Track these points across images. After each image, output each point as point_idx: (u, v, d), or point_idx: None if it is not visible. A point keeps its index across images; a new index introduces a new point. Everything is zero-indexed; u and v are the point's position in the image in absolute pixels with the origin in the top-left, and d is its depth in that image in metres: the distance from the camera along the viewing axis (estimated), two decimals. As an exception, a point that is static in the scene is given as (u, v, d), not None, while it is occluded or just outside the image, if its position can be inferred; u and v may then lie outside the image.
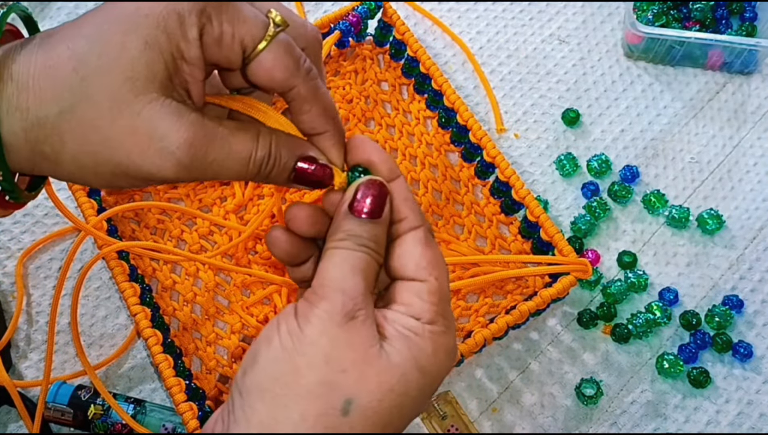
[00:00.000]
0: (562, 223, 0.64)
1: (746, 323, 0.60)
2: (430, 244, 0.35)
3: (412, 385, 0.32)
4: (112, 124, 0.31)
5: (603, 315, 0.59)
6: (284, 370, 0.31)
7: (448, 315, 0.34)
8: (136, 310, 0.52)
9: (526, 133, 0.67)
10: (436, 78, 0.62)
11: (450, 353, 0.34)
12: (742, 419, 0.57)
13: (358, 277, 0.33)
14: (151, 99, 0.31)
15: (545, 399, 0.57)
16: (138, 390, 0.57)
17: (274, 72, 0.33)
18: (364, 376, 0.31)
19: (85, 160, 0.32)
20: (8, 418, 0.56)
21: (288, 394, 0.31)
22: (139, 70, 0.31)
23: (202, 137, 0.32)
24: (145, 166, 0.32)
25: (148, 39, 0.31)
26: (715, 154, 0.66)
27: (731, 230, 0.63)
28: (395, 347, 0.32)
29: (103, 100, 0.31)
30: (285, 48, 0.33)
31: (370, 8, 0.63)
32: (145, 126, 0.31)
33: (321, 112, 0.35)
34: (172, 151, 0.31)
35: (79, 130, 0.31)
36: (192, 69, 0.32)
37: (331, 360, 0.31)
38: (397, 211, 0.35)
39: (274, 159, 0.34)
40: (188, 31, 0.31)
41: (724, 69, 0.69)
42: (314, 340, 0.31)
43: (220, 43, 0.32)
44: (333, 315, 0.32)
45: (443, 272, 0.34)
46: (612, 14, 0.72)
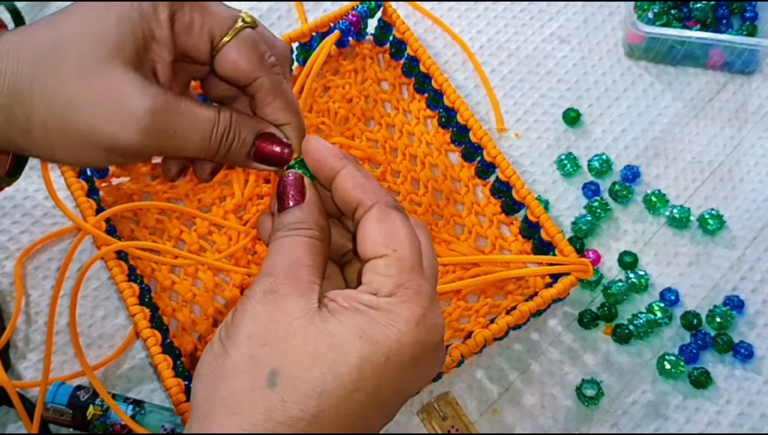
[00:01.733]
0: (563, 223, 0.63)
1: (747, 324, 0.60)
2: (386, 219, 0.34)
3: (351, 352, 0.31)
4: (79, 87, 0.33)
5: (604, 315, 0.59)
6: (216, 355, 0.32)
7: (413, 285, 0.33)
8: (134, 310, 0.52)
9: (526, 132, 0.67)
10: (436, 77, 0.62)
11: (416, 322, 0.32)
12: (743, 420, 0.57)
13: (281, 258, 0.34)
14: (117, 67, 0.33)
15: (546, 400, 0.57)
16: (137, 390, 0.57)
17: (239, 63, 0.35)
18: (288, 347, 0.31)
19: (53, 124, 0.33)
20: (7, 419, 0.56)
21: (218, 375, 0.31)
22: (110, 42, 0.33)
23: (164, 107, 0.34)
24: (109, 130, 0.33)
25: (122, 15, 0.33)
26: (716, 154, 0.66)
27: (732, 230, 0.63)
28: (336, 318, 0.32)
29: (73, 63, 0.33)
30: (251, 42, 0.35)
31: (370, 7, 0.63)
32: (110, 91, 0.33)
33: (283, 104, 0.36)
34: (136, 116, 0.33)
35: (48, 92, 0.33)
36: (160, 49, 0.34)
37: (252, 335, 0.32)
38: (349, 201, 0.35)
39: (234, 133, 0.35)
40: (160, 13, 0.34)
41: (725, 69, 0.69)
42: (237, 322, 0.32)
43: (190, 30, 0.35)
44: (253, 295, 0.33)
45: (403, 243, 0.33)
46: (613, 14, 0.72)
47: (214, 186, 0.62)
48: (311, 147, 0.36)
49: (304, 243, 0.34)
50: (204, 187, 0.62)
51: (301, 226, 0.35)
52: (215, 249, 0.60)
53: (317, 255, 0.35)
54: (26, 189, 0.62)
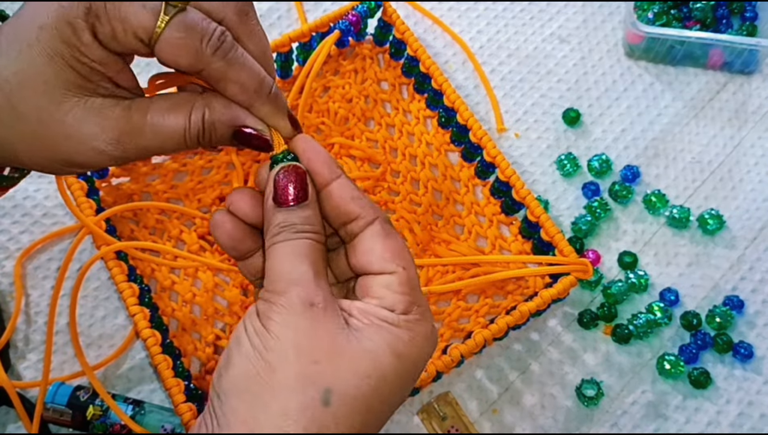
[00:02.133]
0: (563, 223, 0.63)
1: (747, 324, 0.60)
2: (389, 235, 0.35)
3: (389, 369, 0.32)
4: (47, 133, 0.33)
5: (603, 315, 0.59)
6: (258, 368, 0.31)
7: (420, 302, 0.34)
8: (134, 310, 0.52)
9: (526, 132, 0.67)
10: (436, 77, 0.62)
11: (428, 338, 0.34)
12: (742, 420, 0.57)
13: (305, 265, 0.33)
14: (71, 105, 0.33)
15: (546, 400, 0.57)
16: (137, 390, 0.57)
17: (177, 58, 0.32)
18: (337, 365, 0.31)
19: (40, 161, 0.35)
20: (7, 419, 0.56)
21: (265, 391, 0.31)
22: (52, 83, 0.32)
23: (128, 132, 0.33)
24: (85, 161, 0.34)
25: (50, 51, 0.32)
26: (716, 154, 0.66)
27: (732, 230, 0.63)
28: (366, 336, 0.32)
29: (31, 114, 0.33)
30: (183, 29, 0.32)
31: (370, 7, 0.63)
32: (73, 132, 0.33)
33: (238, 89, 0.34)
34: (102, 149, 0.33)
35: (25, 142, 0.34)
36: (104, 66, 0.33)
37: (301, 352, 0.31)
38: (346, 213, 0.35)
39: (209, 131, 0.34)
40: (82, 36, 0.32)
41: (724, 68, 0.69)
42: (279, 334, 0.31)
43: (116, 38, 0.32)
44: (291, 306, 0.32)
45: (409, 261, 0.34)
46: (613, 14, 0.72)
47: (214, 186, 0.62)
48: (307, 148, 0.35)
49: (316, 248, 0.34)
50: (204, 187, 0.62)
51: (311, 229, 0.34)
52: (215, 249, 0.60)
53: (324, 262, 0.34)
54: (26, 189, 0.62)
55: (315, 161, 0.35)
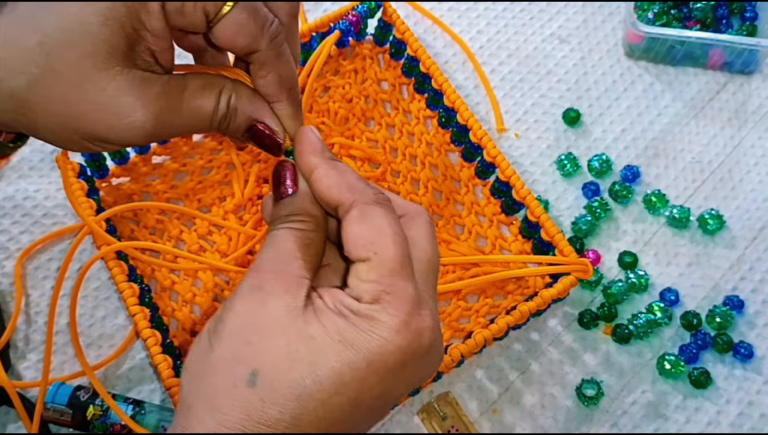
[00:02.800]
0: (563, 223, 0.63)
1: (747, 324, 0.60)
2: (364, 219, 0.33)
3: (330, 356, 0.30)
4: (79, 99, 0.32)
5: (604, 315, 0.59)
6: (202, 350, 0.32)
7: (395, 289, 0.32)
8: (134, 310, 0.52)
9: (526, 132, 0.67)
10: (436, 77, 0.62)
11: (398, 329, 0.31)
12: (742, 420, 0.57)
13: (270, 252, 0.33)
14: (114, 73, 0.32)
15: (546, 400, 0.57)
16: (137, 390, 0.57)
17: (237, 37, 0.33)
18: (269, 347, 0.31)
19: (58, 130, 0.33)
20: (7, 419, 0.56)
21: (202, 370, 0.31)
22: (101, 46, 0.32)
23: (167, 109, 0.33)
24: (114, 136, 0.33)
25: (108, 13, 0.32)
26: (716, 154, 0.66)
27: (732, 230, 0.63)
28: (319, 321, 0.31)
29: (69, 74, 0.32)
30: (249, 12, 0.33)
31: (370, 7, 0.63)
32: (111, 102, 0.32)
33: (277, 79, 0.35)
34: (139, 125, 0.33)
35: (47, 104, 0.32)
36: (156, 39, 0.33)
37: (234, 333, 0.31)
38: (328, 202, 0.34)
39: (230, 117, 0.35)
40: (148, 4, 0.32)
41: (724, 69, 0.69)
42: (224, 317, 0.32)
43: (183, 11, 0.33)
44: (240, 291, 0.32)
45: (388, 244, 0.32)
46: (613, 14, 0.72)
47: (214, 186, 0.62)
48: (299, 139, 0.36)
49: (296, 236, 0.34)
50: (204, 187, 0.62)
51: (294, 218, 0.34)
52: (215, 249, 0.60)
53: (310, 247, 0.34)
54: (26, 189, 0.62)
55: (301, 152, 0.35)
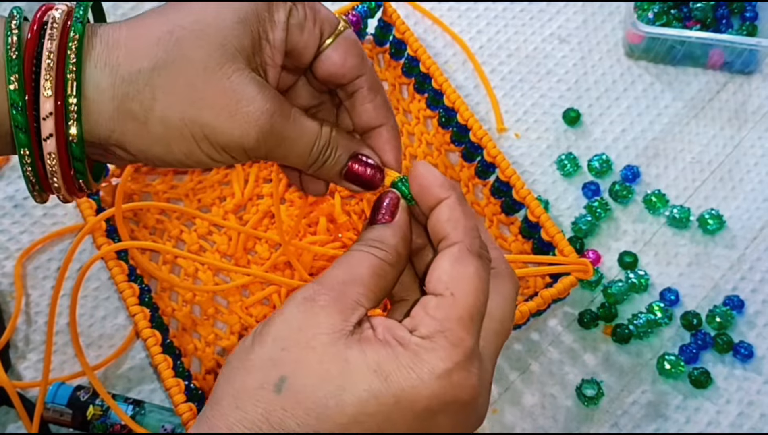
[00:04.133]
0: (563, 223, 0.63)
1: (747, 323, 0.60)
2: (461, 261, 0.33)
3: (360, 384, 0.30)
4: (205, 83, 0.32)
5: (604, 315, 0.59)
6: (245, 348, 0.32)
7: (453, 337, 0.31)
8: (134, 310, 0.52)
9: (526, 132, 0.67)
10: (436, 77, 0.62)
11: (438, 375, 0.30)
12: (742, 420, 0.57)
13: (340, 269, 0.33)
14: (239, 67, 0.33)
15: (546, 400, 0.57)
16: (137, 390, 0.57)
17: (347, 60, 0.35)
18: (303, 359, 0.31)
19: (174, 117, 0.33)
20: (7, 419, 0.56)
21: (238, 366, 0.32)
22: (231, 41, 0.33)
23: (281, 111, 0.34)
24: (230, 129, 0.33)
25: (241, 15, 0.33)
26: (716, 154, 0.66)
27: (732, 230, 0.63)
28: (360, 347, 0.31)
29: (198, 60, 0.32)
30: (353, 41, 0.36)
31: (370, 7, 0.63)
32: (234, 89, 0.33)
33: (382, 102, 0.37)
34: (257, 116, 0.33)
35: (171, 86, 0.32)
36: (273, 52, 0.34)
37: (277, 338, 0.32)
38: (437, 231, 0.34)
39: (331, 150, 0.36)
40: (275, 14, 0.34)
41: (725, 68, 0.69)
42: (272, 321, 0.32)
43: (303, 27, 0.35)
44: (293, 298, 0.33)
45: (468, 292, 0.32)
46: (613, 13, 0.72)
47: (214, 186, 0.62)
48: (418, 172, 0.35)
49: (372, 262, 0.34)
50: (204, 187, 0.62)
51: (377, 244, 0.34)
52: (215, 249, 0.60)
53: (380, 279, 0.34)
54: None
55: (428, 185, 0.35)
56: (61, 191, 0.34)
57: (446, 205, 0.34)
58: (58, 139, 0.32)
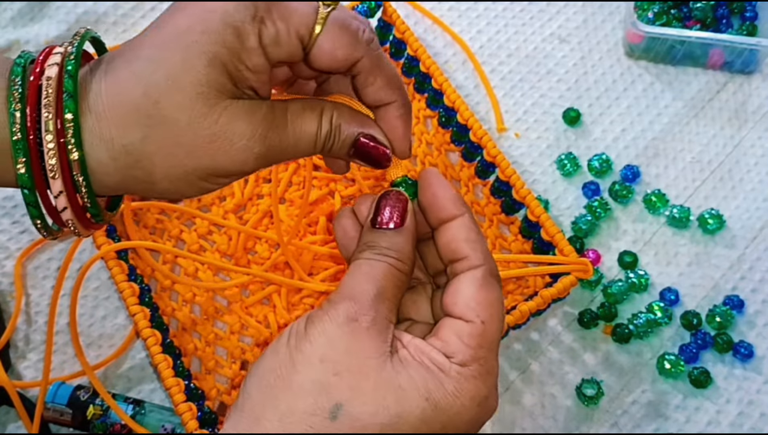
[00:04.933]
0: (563, 222, 0.63)
1: (747, 323, 0.60)
2: (487, 287, 0.33)
3: (415, 411, 0.31)
4: (194, 138, 0.33)
5: (604, 315, 0.59)
6: (283, 365, 0.32)
7: (487, 364, 0.32)
8: (134, 310, 0.52)
9: (526, 132, 0.67)
10: (436, 77, 0.62)
11: (479, 402, 0.32)
12: (742, 419, 0.57)
13: (369, 284, 0.33)
14: (225, 105, 0.33)
15: (546, 399, 0.57)
16: (137, 390, 0.57)
17: (336, 51, 0.34)
18: (358, 385, 0.31)
19: (176, 173, 0.33)
20: (7, 419, 0.56)
21: (280, 386, 0.31)
22: (208, 86, 0.32)
23: (274, 129, 0.34)
24: (230, 164, 0.33)
25: (210, 55, 0.32)
26: (716, 154, 0.66)
27: (732, 230, 0.63)
28: (407, 371, 0.31)
29: (181, 118, 0.32)
30: (340, 25, 0.34)
31: (370, 7, 0.63)
32: (223, 131, 0.33)
33: (386, 82, 0.35)
34: (251, 145, 0.33)
35: (164, 150, 0.33)
36: (258, 75, 0.33)
37: (326, 360, 0.31)
38: (455, 251, 0.34)
39: (334, 134, 0.35)
40: (246, 41, 0.32)
41: (725, 68, 0.69)
42: (313, 339, 0.32)
43: (278, 41, 0.33)
44: (335, 317, 0.32)
45: (495, 319, 0.33)
46: (613, 13, 0.72)
47: (214, 186, 0.62)
48: (432, 181, 0.35)
49: (392, 274, 0.33)
50: (204, 187, 0.62)
51: (394, 254, 0.34)
52: (215, 249, 0.60)
53: (399, 290, 0.34)
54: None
55: (441, 197, 0.35)
56: (81, 234, 0.35)
57: (463, 225, 0.34)
58: (72, 207, 0.33)
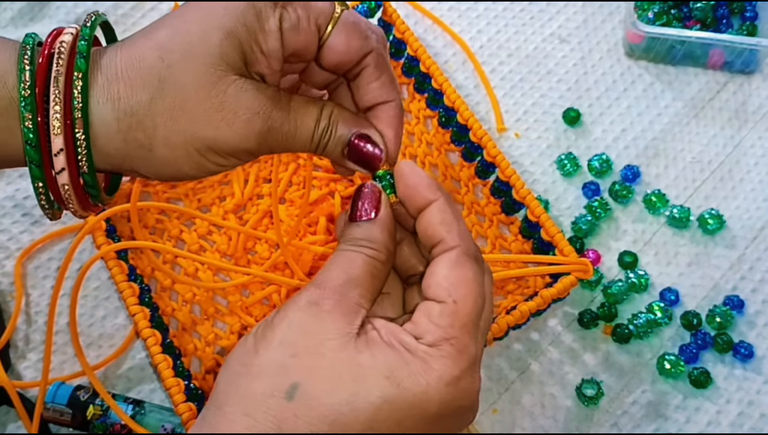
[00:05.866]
0: (563, 223, 0.63)
1: (747, 323, 0.60)
2: (460, 266, 0.33)
3: (373, 390, 0.30)
4: (200, 104, 0.33)
5: (604, 315, 0.59)
6: (247, 352, 0.32)
7: (459, 344, 0.32)
8: (134, 310, 0.52)
9: (526, 132, 0.67)
10: (436, 77, 0.62)
11: (447, 382, 0.31)
12: (742, 419, 0.57)
13: (337, 271, 0.33)
14: (233, 80, 0.33)
15: (546, 399, 0.57)
16: (137, 390, 0.57)
17: (349, 47, 0.35)
18: (315, 365, 0.31)
19: (177, 140, 0.34)
20: (7, 419, 0.56)
21: (243, 372, 0.32)
22: (220, 58, 0.33)
23: (279, 109, 0.34)
24: (231, 137, 0.34)
25: (227, 30, 0.33)
26: (716, 154, 0.66)
27: (732, 230, 0.63)
28: (370, 351, 0.31)
29: (190, 84, 0.33)
30: (353, 24, 0.35)
31: (370, 7, 0.63)
32: (230, 102, 0.33)
33: (388, 80, 0.36)
34: (254, 121, 0.34)
35: (169, 113, 0.33)
36: (270, 60, 0.34)
37: (284, 342, 0.31)
38: (431, 235, 0.34)
39: (330, 131, 0.36)
40: (266, 23, 0.34)
41: (725, 68, 0.69)
42: (275, 325, 0.32)
43: (298, 28, 0.34)
44: (296, 302, 0.32)
45: (469, 298, 0.33)
46: (613, 13, 0.72)
47: (214, 186, 0.62)
48: (405, 172, 0.36)
49: (365, 262, 0.34)
50: (204, 187, 0.62)
51: (368, 244, 0.34)
52: (215, 249, 0.60)
53: (375, 278, 0.34)
54: (26, 189, 0.62)
55: (413, 186, 0.35)
56: (77, 212, 0.35)
57: (437, 208, 0.34)
58: (70, 172, 0.33)
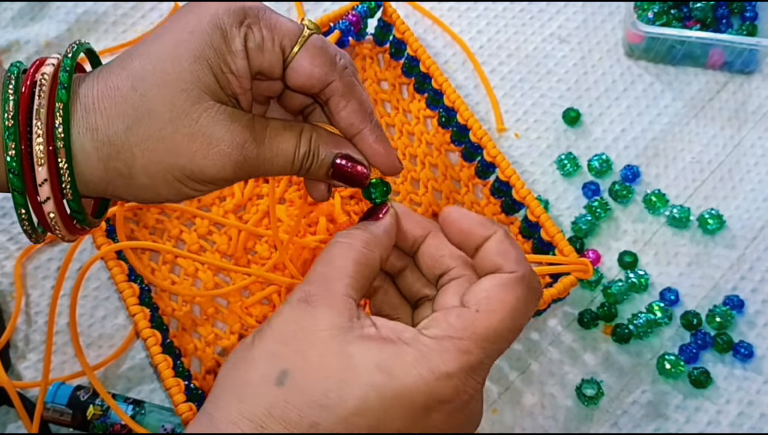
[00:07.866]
0: (563, 223, 0.63)
1: (747, 323, 0.60)
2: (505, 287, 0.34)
3: (363, 379, 0.30)
4: (175, 132, 0.34)
5: (604, 315, 0.59)
6: (244, 346, 0.33)
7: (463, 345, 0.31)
8: (134, 310, 0.52)
9: (526, 132, 0.67)
10: (436, 77, 0.62)
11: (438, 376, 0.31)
12: (742, 419, 0.57)
13: (323, 266, 0.34)
14: (207, 106, 0.34)
15: (546, 399, 0.57)
16: (137, 390, 0.57)
17: (312, 70, 0.35)
18: (304, 353, 0.32)
19: (155, 169, 0.34)
20: (7, 419, 0.56)
21: (239, 363, 0.33)
22: (193, 82, 0.34)
23: (254, 139, 0.35)
24: (207, 168, 0.34)
25: (197, 53, 0.33)
26: (716, 154, 0.66)
27: (732, 230, 0.63)
28: (364, 343, 0.31)
29: (164, 111, 0.33)
30: (320, 48, 0.35)
31: (370, 7, 0.63)
32: (203, 132, 0.34)
33: (357, 107, 0.36)
34: (229, 152, 0.34)
35: (146, 143, 0.34)
36: (240, 80, 0.35)
37: (275, 332, 0.33)
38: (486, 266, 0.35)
39: (312, 155, 0.36)
40: (232, 44, 0.34)
41: (725, 68, 0.69)
42: (271, 321, 0.33)
43: (263, 48, 0.34)
44: (289, 300, 0.34)
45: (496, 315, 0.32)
46: (613, 13, 0.72)
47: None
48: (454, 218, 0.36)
49: (349, 252, 0.34)
50: (204, 187, 0.62)
51: (351, 235, 0.35)
52: (215, 249, 0.60)
53: (363, 266, 0.34)
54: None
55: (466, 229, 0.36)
56: (65, 237, 0.36)
57: (494, 241, 0.35)
58: (55, 200, 0.34)
